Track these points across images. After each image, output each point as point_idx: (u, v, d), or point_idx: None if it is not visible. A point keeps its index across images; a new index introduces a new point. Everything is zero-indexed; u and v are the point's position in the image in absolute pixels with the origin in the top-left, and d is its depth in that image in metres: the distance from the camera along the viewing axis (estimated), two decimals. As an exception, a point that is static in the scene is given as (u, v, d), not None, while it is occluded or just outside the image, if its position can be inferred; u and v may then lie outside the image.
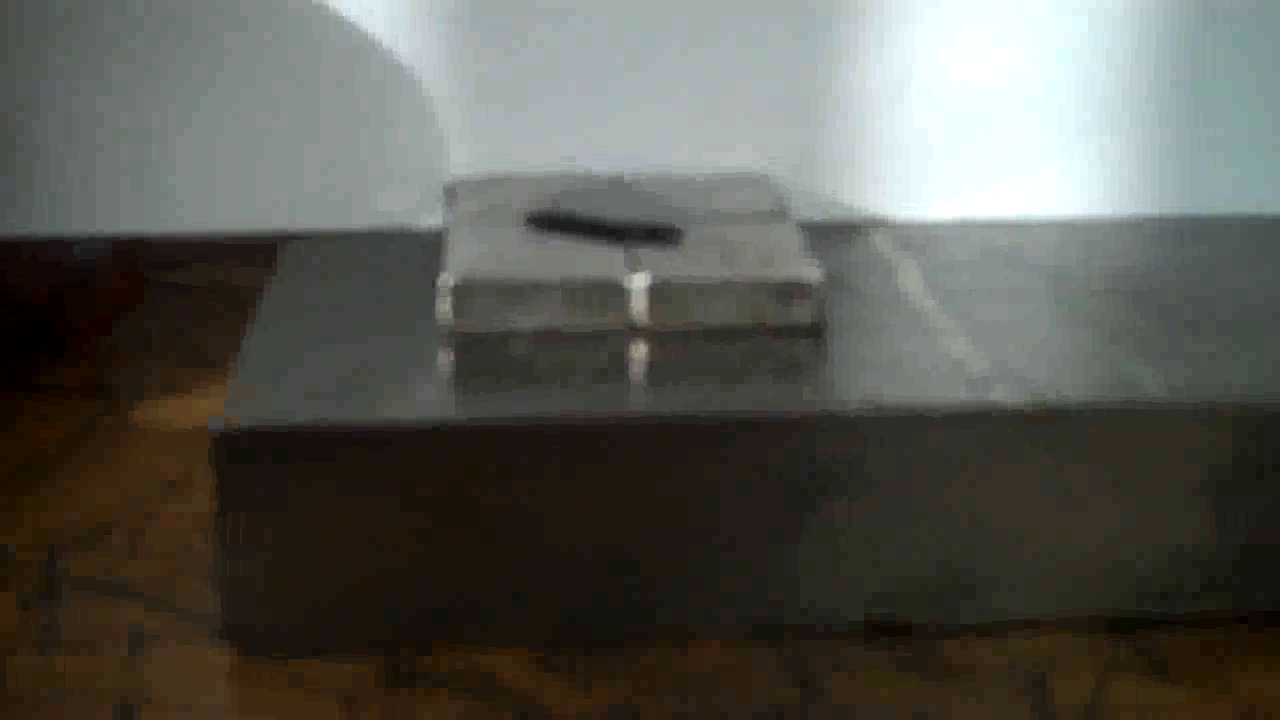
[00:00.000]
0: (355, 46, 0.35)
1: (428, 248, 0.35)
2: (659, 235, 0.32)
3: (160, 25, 0.35)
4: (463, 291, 0.30)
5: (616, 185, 0.35)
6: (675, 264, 0.31)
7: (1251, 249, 0.35)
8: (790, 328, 0.30)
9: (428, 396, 0.27)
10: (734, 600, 0.28)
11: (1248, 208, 0.38)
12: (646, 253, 0.31)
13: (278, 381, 0.28)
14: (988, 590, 0.28)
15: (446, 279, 0.30)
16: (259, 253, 0.48)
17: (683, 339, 0.30)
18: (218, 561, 0.26)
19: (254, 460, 0.26)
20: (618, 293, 0.30)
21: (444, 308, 0.30)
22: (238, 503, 0.26)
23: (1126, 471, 0.28)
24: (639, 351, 0.29)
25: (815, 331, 0.30)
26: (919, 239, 0.36)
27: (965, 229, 0.37)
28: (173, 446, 0.35)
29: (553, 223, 0.33)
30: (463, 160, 0.37)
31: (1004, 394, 0.28)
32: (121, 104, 0.35)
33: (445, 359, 0.29)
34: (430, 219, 0.37)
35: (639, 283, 0.30)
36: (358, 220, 0.37)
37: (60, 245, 0.38)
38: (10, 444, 0.34)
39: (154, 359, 0.40)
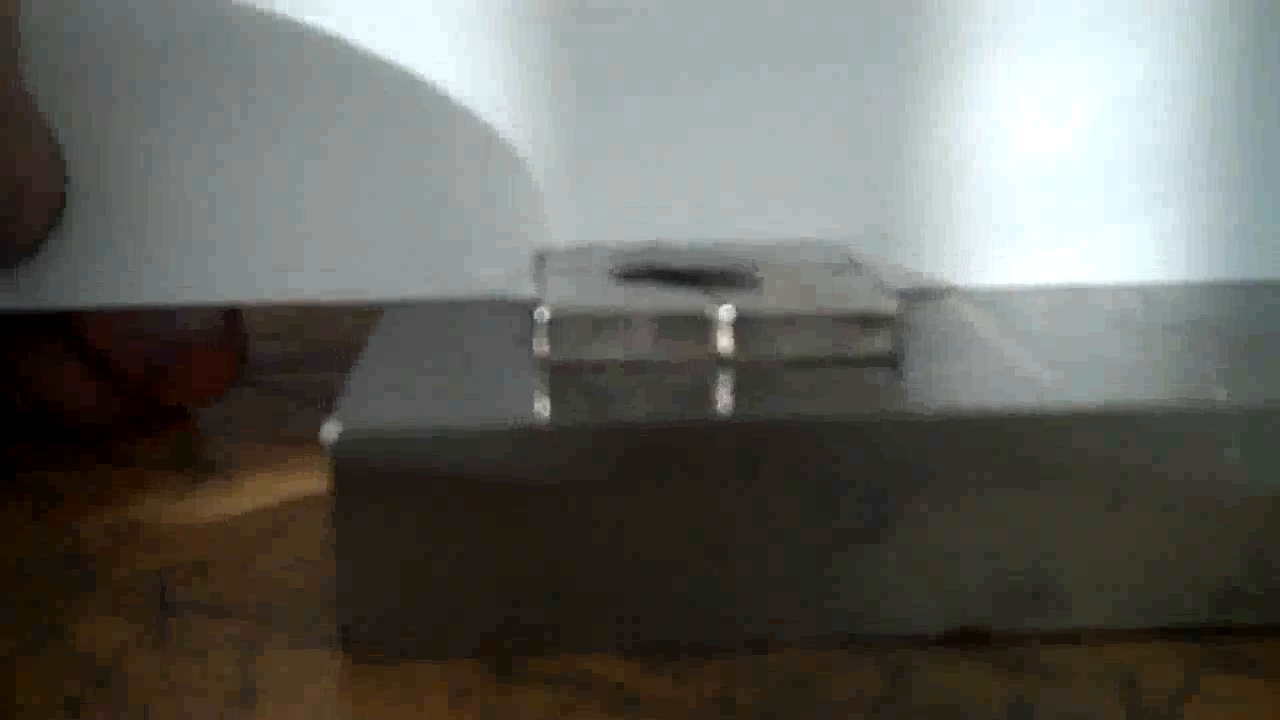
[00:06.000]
0: (449, 123, 0.38)
1: (521, 308, 0.36)
2: (739, 280, 0.34)
3: (262, 93, 0.37)
4: (556, 324, 0.31)
5: (695, 247, 0.37)
6: (757, 299, 0.32)
7: None
8: (869, 357, 0.32)
9: (527, 409, 0.28)
10: (817, 608, 0.28)
11: None
12: (729, 291, 0.33)
13: (385, 399, 0.29)
14: (1070, 598, 0.29)
15: (542, 312, 0.31)
16: (341, 355, 0.50)
17: (764, 368, 0.31)
18: (338, 568, 0.27)
19: (367, 465, 0.27)
20: (703, 324, 0.31)
21: (539, 339, 0.31)
22: (350, 506, 0.27)
23: (1207, 477, 0.28)
24: (723, 376, 0.31)
25: (893, 361, 0.32)
26: (989, 299, 0.37)
27: (1033, 292, 0.38)
28: (269, 509, 0.36)
29: (638, 274, 0.34)
30: (548, 235, 0.39)
31: (1081, 397, 0.29)
32: (216, 172, 0.37)
33: (542, 383, 0.30)
34: (522, 289, 0.38)
35: (724, 315, 0.31)
36: (448, 291, 0.38)
37: (157, 316, 0.40)
38: (106, 506, 0.36)
39: (247, 436, 0.41)
